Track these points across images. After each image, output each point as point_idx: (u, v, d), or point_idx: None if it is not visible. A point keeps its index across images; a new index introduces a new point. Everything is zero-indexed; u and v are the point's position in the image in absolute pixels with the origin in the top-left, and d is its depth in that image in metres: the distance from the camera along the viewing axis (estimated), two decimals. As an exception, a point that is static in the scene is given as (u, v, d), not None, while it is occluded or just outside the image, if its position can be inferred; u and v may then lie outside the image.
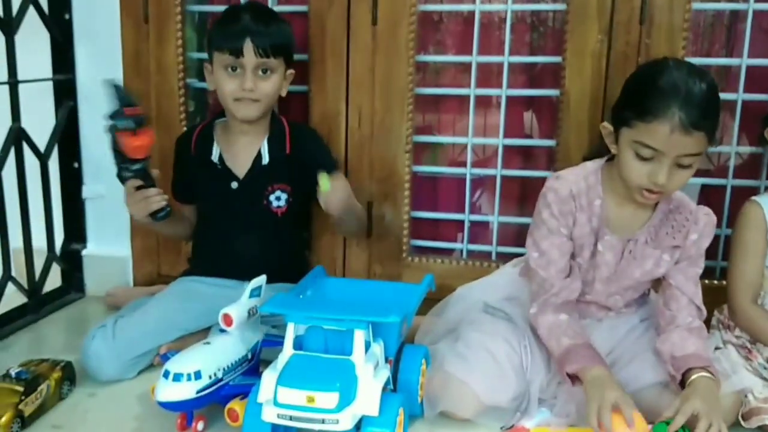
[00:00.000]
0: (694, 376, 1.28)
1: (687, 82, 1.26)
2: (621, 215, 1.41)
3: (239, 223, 1.69)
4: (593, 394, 1.25)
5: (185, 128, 1.88)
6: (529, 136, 1.85)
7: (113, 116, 1.48)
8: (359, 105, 1.78)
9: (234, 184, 1.68)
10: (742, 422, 1.34)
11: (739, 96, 1.64)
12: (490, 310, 1.55)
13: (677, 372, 1.32)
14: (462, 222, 1.88)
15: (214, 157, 1.69)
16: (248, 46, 1.57)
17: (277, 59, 1.61)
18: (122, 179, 1.55)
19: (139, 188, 1.54)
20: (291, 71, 1.68)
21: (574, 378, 1.32)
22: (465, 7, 1.76)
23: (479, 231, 1.91)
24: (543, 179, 1.47)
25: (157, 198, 1.55)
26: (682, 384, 1.30)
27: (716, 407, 1.24)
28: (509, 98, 1.77)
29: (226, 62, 1.59)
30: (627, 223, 1.41)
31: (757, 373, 1.42)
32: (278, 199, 1.69)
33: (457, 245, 1.91)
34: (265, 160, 1.67)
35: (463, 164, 1.83)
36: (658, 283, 1.48)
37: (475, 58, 1.75)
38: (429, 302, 1.66)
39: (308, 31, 1.78)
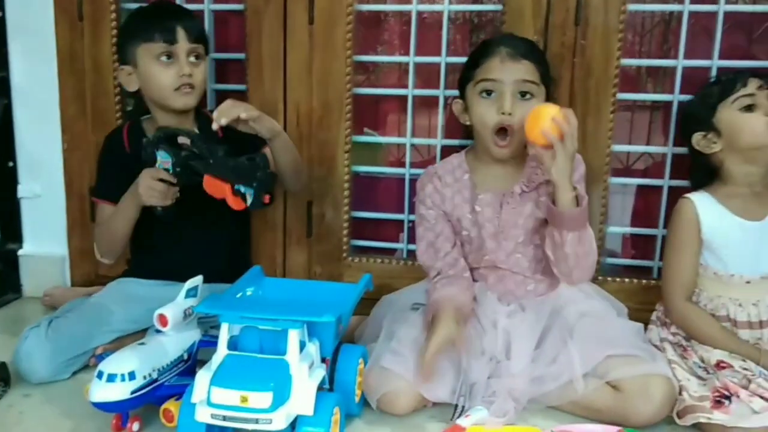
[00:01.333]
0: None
1: (507, 35, 1.54)
2: (491, 178, 1.55)
3: (180, 215, 1.65)
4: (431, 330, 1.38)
5: (120, 128, 1.84)
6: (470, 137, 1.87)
7: (254, 181, 1.43)
8: (297, 104, 1.78)
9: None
10: (677, 420, 1.36)
11: (675, 97, 1.68)
12: (418, 307, 1.57)
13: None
14: (404, 222, 1.89)
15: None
16: (180, 33, 1.58)
17: (203, 46, 1.63)
18: (152, 162, 1.51)
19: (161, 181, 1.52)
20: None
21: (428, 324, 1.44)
22: (402, 7, 1.77)
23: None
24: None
25: (174, 197, 1.54)
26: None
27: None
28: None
29: (159, 51, 1.58)
30: (500, 182, 1.54)
31: (692, 372, 1.45)
32: None
33: (398, 245, 1.91)
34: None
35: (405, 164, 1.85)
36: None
37: (412, 59, 1.76)
38: (369, 302, 1.67)
39: (245, 29, 1.77)
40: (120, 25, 1.80)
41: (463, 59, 1.76)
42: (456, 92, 1.76)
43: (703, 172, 1.55)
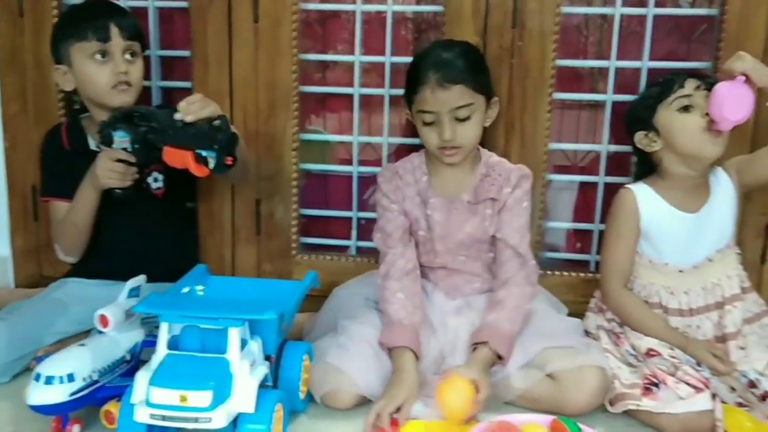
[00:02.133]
0: (478, 349, 1.44)
1: (438, 52, 1.51)
2: (446, 182, 1.59)
3: (118, 207, 1.65)
4: (388, 390, 1.38)
5: (63, 125, 1.82)
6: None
7: (214, 145, 1.41)
8: (243, 102, 1.78)
9: None
10: (609, 407, 1.42)
11: (608, 97, 1.73)
12: (371, 303, 1.60)
13: (473, 339, 1.47)
14: (353, 219, 1.91)
15: (93, 146, 1.66)
16: (114, 30, 1.57)
17: (139, 43, 1.63)
18: (109, 143, 1.50)
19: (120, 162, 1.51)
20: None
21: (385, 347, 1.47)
22: (346, 7, 1.79)
23: (371, 228, 1.94)
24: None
25: (133, 177, 1.54)
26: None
27: (488, 378, 1.40)
28: (393, 97, 1.81)
29: (93, 50, 1.57)
30: (451, 188, 1.59)
31: (623, 360, 1.51)
32: (156, 180, 1.68)
33: (348, 242, 1.93)
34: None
35: (362, 162, 1.88)
36: None
37: (358, 58, 1.78)
38: (319, 299, 1.69)
39: (189, 27, 1.76)
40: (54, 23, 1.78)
41: (407, 59, 1.79)
42: (398, 92, 1.80)
43: (644, 168, 1.60)
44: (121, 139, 1.49)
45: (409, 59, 1.78)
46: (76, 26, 1.59)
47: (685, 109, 1.49)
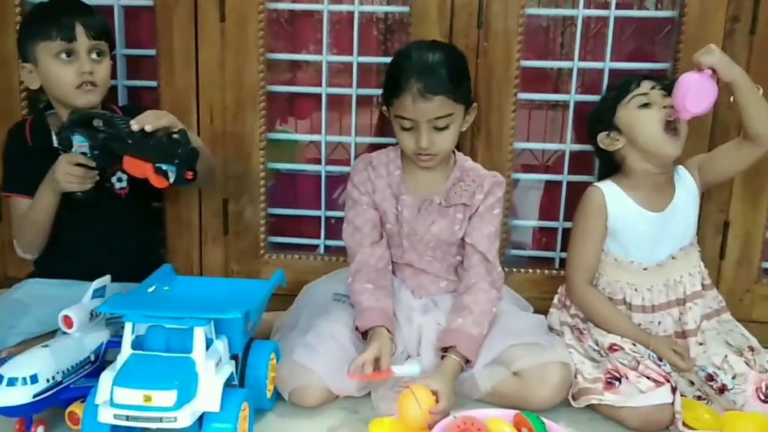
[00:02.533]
0: (447, 357, 1.44)
1: (422, 57, 1.48)
2: (418, 180, 1.59)
3: (82, 207, 1.63)
4: (366, 348, 1.42)
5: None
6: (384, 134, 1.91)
7: (175, 159, 1.38)
8: (210, 101, 1.77)
9: None
10: (572, 402, 1.45)
11: (572, 97, 1.76)
12: (340, 298, 1.61)
13: (440, 343, 1.48)
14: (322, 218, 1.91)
15: (56, 144, 1.63)
16: (79, 30, 1.56)
17: (106, 43, 1.61)
18: (68, 147, 1.48)
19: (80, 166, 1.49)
20: (111, 62, 1.66)
21: (363, 334, 1.49)
22: (314, 7, 1.79)
23: (342, 227, 1.94)
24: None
25: (93, 180, 1.53)
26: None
27: (454, 388, 1.41)
28: (362, 97, 1.82)
29: (58, 49, 1.56)
30: (424, 187, 1.58)
31: (587, 355, 1.54)
32: (120, 180, 1.66)
33: (317, 241, 1.94)
34: None
35: (333, 162, 1.88)
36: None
37: (325, 57, 1.79)
38: (288, 298, 1.70)
39: (155, 25, 1.75)
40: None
41: (373, 59, 1.82)
42: (365, 92, 1.83)
43: (608, 168, 1.63)
44: (80, 143, 1.48)
45: (377, 59, 1.82)
46: (41, 25, 1.57)
47: (644, 105, 1.52)
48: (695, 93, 1.42)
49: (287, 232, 1.95)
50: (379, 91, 1.82)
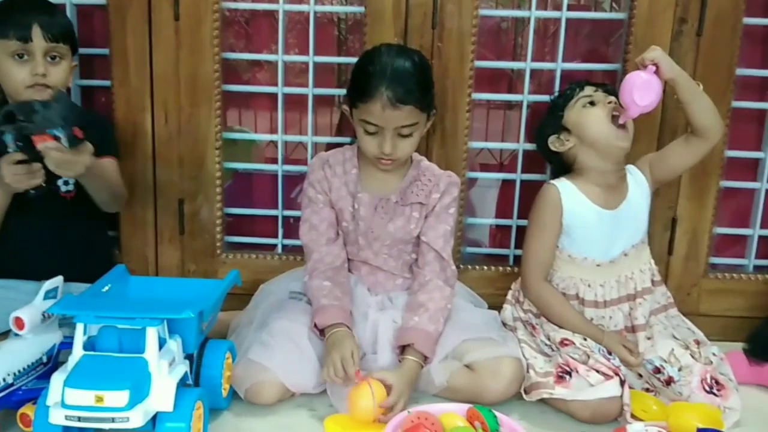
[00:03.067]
0: (405, 358, 1.46)
1: (393, 63, 1.48)
2: (375, 179, 1.60)
3: (29, 210, 1.61)
4: (332, 347, 1.43)
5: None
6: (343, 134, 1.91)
7: (59, 123, 1.39)
8: (165, 101, 1.77)
9: None
10: (525, 396, 1.48)
11: (524, 97, 1.79)
12: (296, 297, 1.62)
13: (398, 342, 1.50)
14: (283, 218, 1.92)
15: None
16: (36, 31, 1.53)
17: (65, 45, 1.59)
18: (3, 148, 1.46)
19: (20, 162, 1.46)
20: (75, 63, 1.65)
21: (321, 331, 1.50)
22: (269, 6, 1.79)
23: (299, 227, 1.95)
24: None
25: (41, 173, 1.49)
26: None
27: (411, 386, 1.43)
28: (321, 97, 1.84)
29: (13, 49, 1.54)
30: (381, 186, 1.60)
31: (539, 350, 1.57)
32: (66, 183, 1.65)
33: (275, 241, 1.94)
34: None
35: (291, 161, 1.89)
36: None
37: (281, 57, 1.79)
38: (245, 297, 1.70)
39: (108, 24, 1.74)
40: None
41: (329, 59, 1.83)
42: (321, 91, 1.83)
43: (561, 170, 1.66)
44: (9, 141, 1.45)
45: (334, 59, 1.83)
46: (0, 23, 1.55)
47: (590, 104, 1.57)
48: (641, 87, 1.47)
49: (245, 232, 1.95)
50: (337, 91, 1.86)
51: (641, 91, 1.47)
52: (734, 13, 1.67)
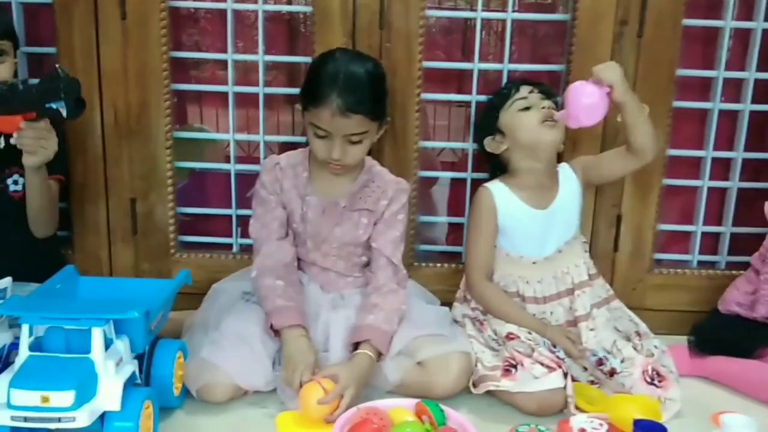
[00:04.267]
0: (357, 352, 1.47)
1: (346, 70, 1.48)
2: (324, 182, 1.61)
3: None
4: (292, 355, 1.44)
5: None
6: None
7: (60, 96, 1.42)
8: (113, 100, 1.76)
9: None
10: (473, 389, 1.51)
11: (473, 97, 1.81)
12: (248, 297, 1.62)
13: (351, 340, 1.50)
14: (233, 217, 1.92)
15: None
16: None
17: (6, 42, 1.58)
18: None
19: None
20: (16, 60, 1.63)
21: (276, 332, 1.51)
22: (216, 5, 1.79)
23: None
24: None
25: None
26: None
27: (361, 380, 1.42)
28: (270, 96, 1.84)
29: None
30: (330, 190, 1.61)
31: (486, 344, 1.59)
32: (16, 183, 1.63)
33: (229, 240, 1.94)
34: (1, 144, 1.61)
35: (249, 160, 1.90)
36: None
37: (230, 56, 1.79)
38: (199, 297, 1.70)
39: (54, 23, 1.72)
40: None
41: (280, 58, 1.84)
42: (273, 90, 1.84)
43: (496, 169, 1.70)
44: None
45: (280, 58, 1.83)
46: None
47: (525, 109, 1.61)
48: (592, 107, 1.48)
49: (201, 231, 1.95)
50: (290, 90, 1.87)
51: (589, 111, 1.49)
52: (674, 15, 1.72)
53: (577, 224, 1.70)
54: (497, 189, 1.64)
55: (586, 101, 1.48)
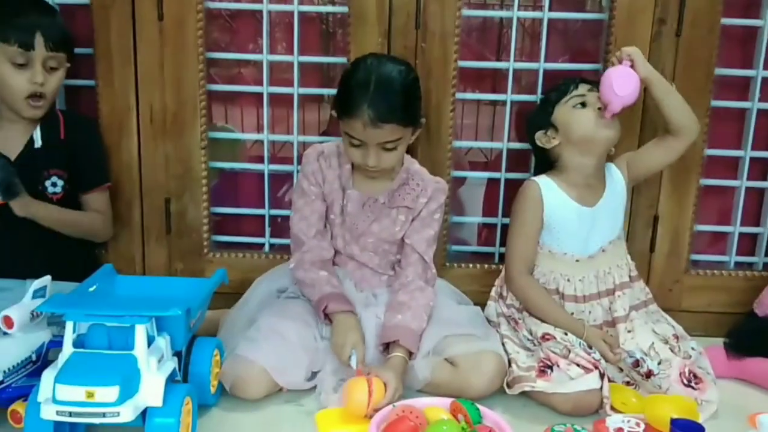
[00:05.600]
0: (391, 354, 1.47)
1: (377, 79, 1.48)
2: (366, 178, 1.61)
3: (11, 212, 1.62)
4: (340, 334, 1.48)
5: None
6: (327, 133, 1.93)
7: None
8: (150, 101, 1.77)
9: None
10: (507, 389, 1.50)
11: (508, 97, 1.81)
12: (289, 294, 1.64)
13: (381, 340, 1.51)
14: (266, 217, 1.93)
15: None
16: (39, 39, 1.54)
17: (63, 54, 1.60)
18: None
19: None
20: (68, 65, 1.66)
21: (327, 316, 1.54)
22: (253, 6, 1.80)
23: (287, 225, 1.93)
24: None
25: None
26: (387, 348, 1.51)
27: (403, 383, 1.44)
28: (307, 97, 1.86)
29: (12, 55, 1.55)
30: (370, 185, 1.62)
31: (521, 345, 1.59)
32: (54, 185, 1.66)
33: (261, 240, 1.95)
34: (38, 143, 1.64)
35: (278, 160, 1.90)
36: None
37: (265, 57, 1.80)
38: (233, 296, 1.71)
39: (92, 24, 1.74)
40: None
41: (314, 59, 1.84)
42: (307, 91, 1.85)
43: (544, 165, 1.69)
44: None
45: (314, 59, 1.83)
46: (1, 26, 1.55)
47: (581, 105, 1.60)
48: (619, 77, 1.52)
49: (232, 231, 1.96)
50: (323, 91, 1.88)
51: (620, 80, 1.51)
52: (712, 14, 1.71)
53: (622, 225, 1.69)
54: (545, 183, 1.64)
55: (612, 76, 1.52)
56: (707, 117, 1.76)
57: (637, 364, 1.52)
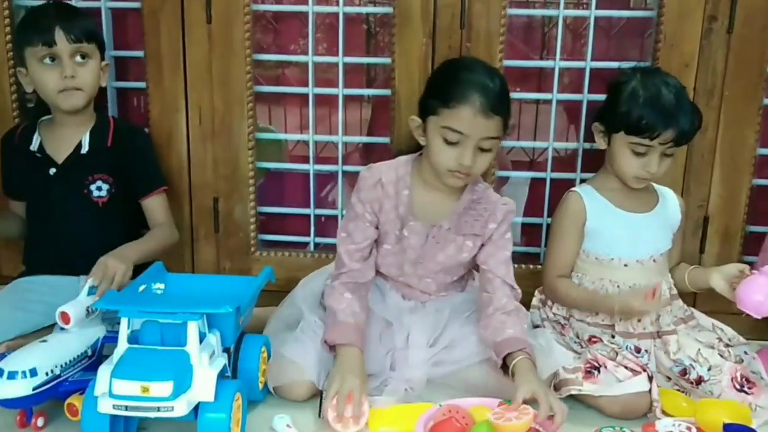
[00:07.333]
0: (516, 360, 1.39)
1: (483, 74, 1.46)
2: (427, 204, 1.55)
3: (60, 212, 1.67)
4: (336, 376, 1.39)
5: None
6: (371, 133, 1.95)
7: None
8: (199, 102, 1.81)
9: (52, 170, 1.67)
10: (554, 392, 1.47)
11: (554, 96, 1.80)
12: None
13: (498, 356, 1.43)
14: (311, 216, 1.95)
15: (34, 147, 1.68)
16: (59, 34, 1.58)
17: (90, 45, 1.63)
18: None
19: None
20: (106, 62, 1.69)
21: (331, 347, 1.47)
22: (299, 8, 1.82)
23: (331, 224, 1.98)
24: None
25: None
26: (505, 367, 1.42)
27: (545, 386, 1.36)
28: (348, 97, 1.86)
29: (41, 54, 1.59)
30: (432, 211, 1.55)
31: (568, 347, 1.57)
32: (99, 189, 1.69)
33: (307, 239, 1.97)
34: (85, 149, 1.67)
35: (320, 159, 1.92)
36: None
37: (311, 58, 1.82)
38: (279, 295, 1.73)
39: (142, 27, 1.78)
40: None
41: (358, 60, 1.86)
42: (351, 92, 1.86)
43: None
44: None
45: (358, 60, 1.85)
46: (25, 30, 1.61)
47: (638, 153, 1.54)
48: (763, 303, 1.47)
49: (277, 230, 1.98)
50: (367, 91, 1.89)
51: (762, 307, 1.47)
52: (764, 10, 1.67)
53: (671, 241, 1.66)
54: (586, 192, 1.62)
55: (757, 298, 1.47)
56: (759, 116, 1.72)
57: (684, 372, 1.50)
